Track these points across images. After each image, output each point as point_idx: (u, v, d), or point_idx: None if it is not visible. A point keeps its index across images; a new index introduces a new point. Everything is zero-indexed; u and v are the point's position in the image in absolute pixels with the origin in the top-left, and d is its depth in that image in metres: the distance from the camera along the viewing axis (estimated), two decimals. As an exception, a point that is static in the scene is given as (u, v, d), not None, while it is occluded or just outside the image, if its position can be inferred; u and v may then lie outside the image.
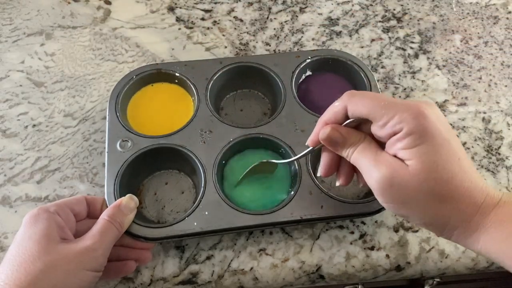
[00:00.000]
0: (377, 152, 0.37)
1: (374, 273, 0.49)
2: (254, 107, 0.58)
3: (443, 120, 0.36)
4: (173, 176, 0.52)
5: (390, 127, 0.35)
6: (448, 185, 0.34)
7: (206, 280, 0.48)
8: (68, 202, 0.44)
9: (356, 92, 0.38)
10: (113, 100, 0.53)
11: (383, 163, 0.36)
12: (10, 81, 0.61)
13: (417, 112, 0.34)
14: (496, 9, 0.71)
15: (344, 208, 0.47)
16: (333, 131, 0.38)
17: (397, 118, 0.35)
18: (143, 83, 0.56)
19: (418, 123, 0.34)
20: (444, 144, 0.34)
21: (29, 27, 0.66)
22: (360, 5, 0.70)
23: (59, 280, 0.39)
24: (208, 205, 0.47)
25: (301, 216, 0.47)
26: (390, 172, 0.35)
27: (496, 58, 0.65)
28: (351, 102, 0.37)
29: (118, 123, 0.51)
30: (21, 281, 0.37)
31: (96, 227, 0.42)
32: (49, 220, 0.41)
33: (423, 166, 0.34)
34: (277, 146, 0.51)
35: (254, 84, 0.58)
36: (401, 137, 0.35)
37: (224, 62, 0.57)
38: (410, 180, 0.35)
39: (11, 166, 0.54)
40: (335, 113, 0.39)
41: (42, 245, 0.39)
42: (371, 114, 0.36)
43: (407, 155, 0.35)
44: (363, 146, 0.38)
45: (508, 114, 0.60)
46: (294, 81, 0.56)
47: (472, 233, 0.35)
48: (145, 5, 0.69)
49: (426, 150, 0.34)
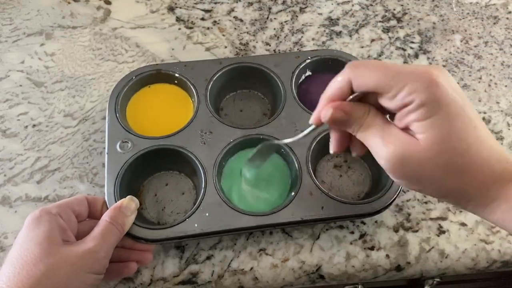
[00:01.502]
0: (384, 127, 0.34)
1: (374, 273, 0.49)
2: (254, 107, 0.58)
3: (456, 86, 0.33)
4: (173, 177, 0.52)
5: (400, 99, 0.32)
6: (464, 156, 0.32)
7: (206, 280, 0.48)
8: (70, 203, 0.44)
9: (359, 62, 0.35)
10: (113, 100, 0.53)
11: (391, 139, 0.34)
12: (10, 81, 0.61)
13: (429, 80, 0.32)
14: (496, 9, 0.71)
15: (344, 209, 0.47)
16: (336, 111, 0.35)
17: (408, 89, 0.32)
18: (142, 84, 0.56)
19: (431, 93, 0.31)
20: (459, 113, 0.32)
21: (29, 27, 0.66)
22: (360, 5, 0.70)
23: (62, 283, 0.39)
24: (209, 206, 0.47)
25: (302, 217, 0.47)
26: (400, 150, 0.33)
27: (496, 58, 0.65)
28: (355, 75, 0.34)
29: (118, 124, 0.51)
30: (23, 283, 0.37)
31: (97, 229, 0.42)
32: (51, 222, 0.41)
33: (437, 138, 0.32)
34: (278, 146, 0.51)
35: (254, 84, 0.58)
36: (413, 109, 0.32)
37: (224, 62, 0.56)
38: (423, 156, 0.32)
39: (11, 166, 0.54)
40: (339, 89, 0.35)
41: (44, 248, 0.39)
42: (378, 87, 0.33)
43: (420, 128, 0.32)
44: (369, 121, 0.35)
45: (508, 114, 0.60)
46: (294, 81, 0.56)
47: (489, 203, 0.33)
48: (145, 5, 0.69)
49: (441, 121, 0.32)
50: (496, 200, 0.33)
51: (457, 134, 0.32)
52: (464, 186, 0.33)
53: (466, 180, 0.33)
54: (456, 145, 0.32)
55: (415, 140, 0.33)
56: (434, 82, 0.32)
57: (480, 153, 0.32)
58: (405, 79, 0.32)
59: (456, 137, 0.32)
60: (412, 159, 0.33)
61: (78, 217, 0.44)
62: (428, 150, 0.32)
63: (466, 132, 0.32)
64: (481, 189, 0.33)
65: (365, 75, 0.34)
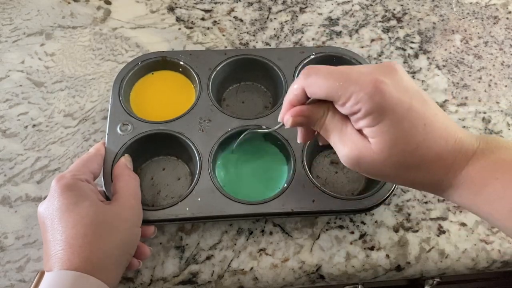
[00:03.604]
0: (342, 126, 0.37)
1: (374, 273, 0.49)
2: (256, 100, 0.58)
3: (404, 85, 0.34)
4: (170, 162, 0.53)
5: (348, 107, 0.35)
6: (414, 155, 0.34)
7: (206, 280, 0.48)
8: (88, 164, 0.46)
9: (311, 70, 0.37)
10: (117, 84, 0.54)
11: (347, 141, 0.36)
12: (10, 81, 0.61)
13: (372, 89, 0.33)
14: (496, 9, 0.71)
15: (335, 204, 0.47)
16: (295, 118, 0.38)
17: (354, 99, 0.34)
18: (147, 70, 0.57)
19: (375, 101, 0.33)
20: (405, 115, 0.34)
21: (29, 27, 0.66)
22: (360, 5, 0.70)
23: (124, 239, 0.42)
24: (202, 192, 0.47)
25: (292, 209, 0.47)
26: (355, 152, 0.36)
27: (496, 58, 0.65)
28: (307, 84, 0.37)
29: (120, 107, 0.52)
30: (95, 243, 0.39)
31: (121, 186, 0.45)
32: (86, 188, 0.42)
33: (386, 143, 0.34)
34: (274, 138, 0.52)
35: (258, 77, 0.59)
36: (361, 117, 0.34)
37: (229, 53, 0.57)
38: (375, 159, 0.35)
39: (11, 166, 0.54)
40: (295, 96, 0.38)
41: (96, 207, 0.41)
42: (328, 96, 0.36)
43: (370, 133, 0.35)
44: (328, 120, 0.38)
45: (508, 114, 0.60)
46: (296, 76, 0.56)
47: (445, 189, 0.36)
48: (145, 5, 0.69)
49: (387, 127, 0.34)
50: (449, 187, 0.36)
51: (405, 137, 0.34)
52: (419, 178, 0.36)
53: (420, 174, 0.36)
54: (405, 146, 0.34)
55: (368, 144, 0.35)
56: (378, 90, 0.33)
57: (430, 150, 0.34)
58: (351, 89, 0.34)
59: (404, 140, 0.34)
60: (366, 160, 0.36)
61: (95, 176, 0.46)
62: (380, 153, 0.35)
63: (414, 133, 0.34)
64: (436, 179, 0.36)
65: (316, 84, 0.36)
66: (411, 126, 0.34)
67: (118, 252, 0.41)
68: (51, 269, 0.38)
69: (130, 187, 0.45)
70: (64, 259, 0.38)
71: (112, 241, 0.40)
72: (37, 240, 0.49)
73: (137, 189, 0.46)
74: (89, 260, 0.38)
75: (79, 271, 0.37)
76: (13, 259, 0.48)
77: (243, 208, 0.47)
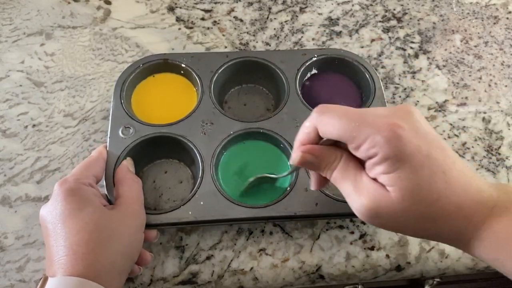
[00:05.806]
0: (356, 175, 0.34)
1: (374, 273, 0.49)
2: (258, 102, 0.58)
3: (422, 131, 0.33)
4: (173, 165, 0.53)
5: (364, 151, 0.33)
6: (435, 205, 0.32)
7: (206, 280, 0.48)
8: (91, 168, 0.45)
9: (325, 109, 0.35)
10: (119, 87, 0.54)
11: (363, 191, 0.34)
12: (10, 81, 0.61)
13: (390, 134, 0.31)
14: (496, 9, 0.71)
15: (338, 207, 0.47)
16: (305, 155, 0.36)
17: (369, 142, 0.32)
18: (149, 72, 0.57)
19: (393, 146, 0.31)
20: (424, 162, 0.32)
21: (29, 27, 0.66)
22: (360, 5, 0.70)
23: (129, 244, 0.42)
24: (204, 195, 0.47)
25: (295, 212, 0.47)
26: (372, 203, 0.33)
27: (496, 58, 0.65)
28: (320, 123, 0.35)
29: (122, 110, 0.52)
30: (97, 248, 0.39)
31: (124, 190, 0.45)
32: (89, 192, 0.42)
33: (406, 191, 0.32)
34: (277, 141, 0.52)
35: (259, 79, 0.59)
36: (378, 162, 0.32)
37: (231, 56, 0.57)
38: (396, 209, 0.33)
39: (11, 166, 0.54)
40: (307, 134, 0.36)
41: (100, 213, 0.41)
42: (342, 137, 0.34)
43: (387, 181, 0.32)
44: (341, 167, 0.35)
45: (508, 114, 0.60)
46: (298, 78, 0.56)
47: (467, 242, 0.34)
48: (145, 5, 0.69)
49: (407, 174, 0.32)
50: (471, 239, 0.34)
51: (426, 186, 0.32)
52: (438, 231, 0.34)
53: (439, 226, 0.33)
54: (427, 195, 0.32)
55: (387, 193, 0.33)
56: (395, 135, 0.31)
57: (451, 200, 0.32)
58: (367, 131, 0.32)
59: (425, 188, 0.32)
60: (386, 211, 0.33)
61: (97, 179, 0.46)
62: (401, 202, 0.32)
63: (435, 181, 0.32)
64: (456, 232, 0.34)
65: (329, 124, 0.34)
66: (431, 174, 0.32)
67: (121, 258, 0.41)
68: (55, 275, 0.38)
69: (133, 191, 0.45)
70: (68, 265, 0.38)
71: (116, 248, 0.40)
72: (37, 240, 0.49)
73: (140, 193, 0.46)
74: (93, 266, 0.38)
75: (83, 278, 0.37)
76: (13, 259, 0.48)
77: (246, 212, 0.47)
